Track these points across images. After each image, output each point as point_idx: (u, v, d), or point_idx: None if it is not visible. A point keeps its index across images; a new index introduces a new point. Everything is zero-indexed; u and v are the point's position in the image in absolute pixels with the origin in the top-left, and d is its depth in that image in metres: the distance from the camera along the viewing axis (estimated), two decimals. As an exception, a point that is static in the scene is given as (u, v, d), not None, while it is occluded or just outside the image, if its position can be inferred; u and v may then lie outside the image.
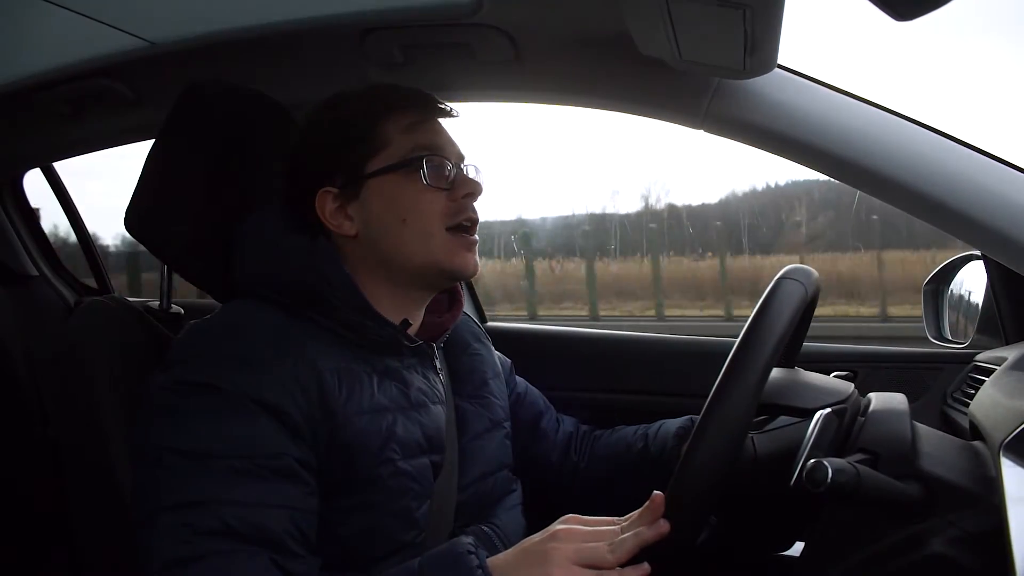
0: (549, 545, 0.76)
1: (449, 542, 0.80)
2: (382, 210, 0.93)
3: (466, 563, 0.75)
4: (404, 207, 0.93)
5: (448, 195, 0.94)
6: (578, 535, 0.77)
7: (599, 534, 0.78)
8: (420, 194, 0.93)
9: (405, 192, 0.93)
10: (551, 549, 0.75)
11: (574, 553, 0.75)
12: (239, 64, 1.15)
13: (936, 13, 0.64)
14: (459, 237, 0.94)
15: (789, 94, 1.03)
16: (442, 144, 0.96)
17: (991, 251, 1.04)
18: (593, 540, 0.77)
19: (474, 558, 0.76)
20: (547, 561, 0.74)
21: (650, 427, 1.17)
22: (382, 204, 0.93)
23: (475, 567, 0.75)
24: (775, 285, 0.91)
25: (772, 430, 0.96)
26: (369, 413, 0.86)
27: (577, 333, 1.70)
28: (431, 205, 0.93)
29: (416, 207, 0.93)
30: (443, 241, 0.93)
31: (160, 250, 1.05)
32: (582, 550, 0.75)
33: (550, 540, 0.77)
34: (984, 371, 1.18)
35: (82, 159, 1.58)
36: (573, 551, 0.75)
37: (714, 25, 0.85)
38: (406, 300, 0.97)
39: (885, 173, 0.98)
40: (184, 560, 0.73)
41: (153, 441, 0.80)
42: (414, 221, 0.93)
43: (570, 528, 0.78)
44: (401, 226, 0.93)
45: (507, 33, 1.06)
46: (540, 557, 0.75)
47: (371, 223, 0.94)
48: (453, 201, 0.94)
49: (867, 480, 0.79)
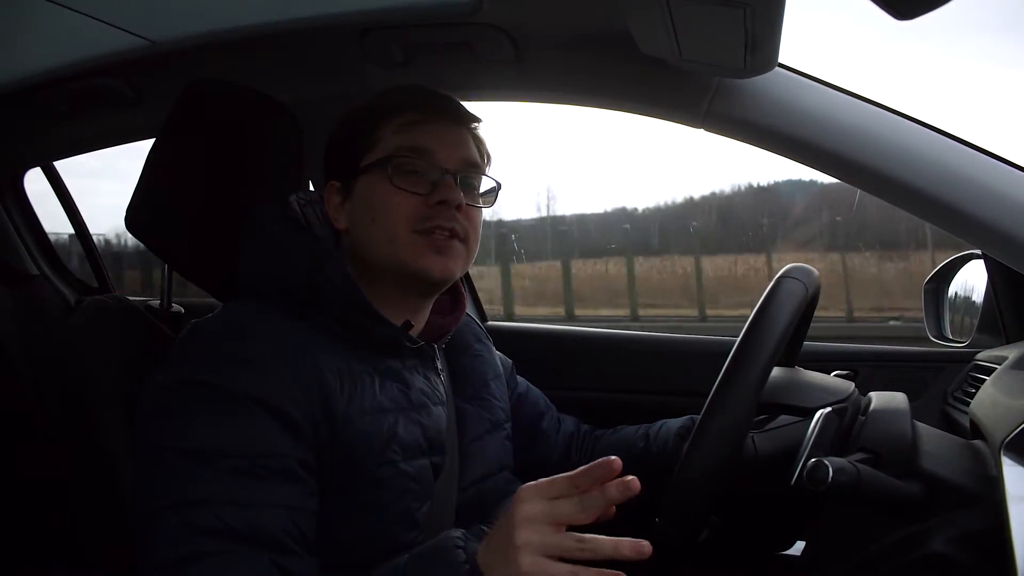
0: (512, 535, 0.70)
1: (439, 536, 0.78)
2: (360, 207, 0.94)
3: (452, 558, 0.74)
4: (374, 206, 0.93)
5: (424, 199, 0.92)
6: (538, 515, 0.71)
7: (557, 505, 0.71)
8: (389, 195, 0.92)
9: (377, 191, 0.93)
10: (514, 540, 0.70)
11: (537, 533, 0.70)
12: (239, 63, 1.15)
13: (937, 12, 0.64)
14: (427, 238, 0.91)
15: (790, 93, 1.03)
16: (431, 147, 0.93)
17: (992, 250, 1.04)
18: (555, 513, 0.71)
19: (461, 552, 0.74)
20: (514, 554, 0.69)
21: (651, 427, 1.17)
22: (360, 201, 0.94)
23: (462, 562, 0.73)
24: (775, 284, 0.91)
25: (773, 429, 0.96)
26: (371, 414, 0.86)
27: (577, 333, 1.70)
28: (398, 207, 0.91)
29: (384, 207, 0.92)
30: (408, 242, 0.91)
31: (161, 249, 1.05)
32: (549, 513, 0.70)
33: (511, 530, 0.71)
34: (985, 370, 1.18)
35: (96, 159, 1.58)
36: (536, 533, 0.70)
37: (715, 24, 0.85)
38: (406, 301, 0.96)
39: (886, 172, 0.98)
40: (184, 560, 0.73)
41: (153, 441, 0.80)
42: (380, 221, 0.92)
43: (527, 508, 0.71)
44: (370, 224, 0.93)
45: (507, 32, 1.06)
46: (506, 552, 0.70)
47: (353, 219, 0.95)
48: (427, 207, 0.92)
49: (868, 479, 0.80)
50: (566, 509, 0.71)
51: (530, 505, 0.71)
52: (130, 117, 1.36)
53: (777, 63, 1.00)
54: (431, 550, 0.77)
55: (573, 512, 0.70)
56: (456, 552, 0.74)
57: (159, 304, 1.44)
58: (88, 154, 1.60)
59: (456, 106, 0.98)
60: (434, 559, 0.75)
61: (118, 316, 1.04)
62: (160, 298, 1.45)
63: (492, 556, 0.72)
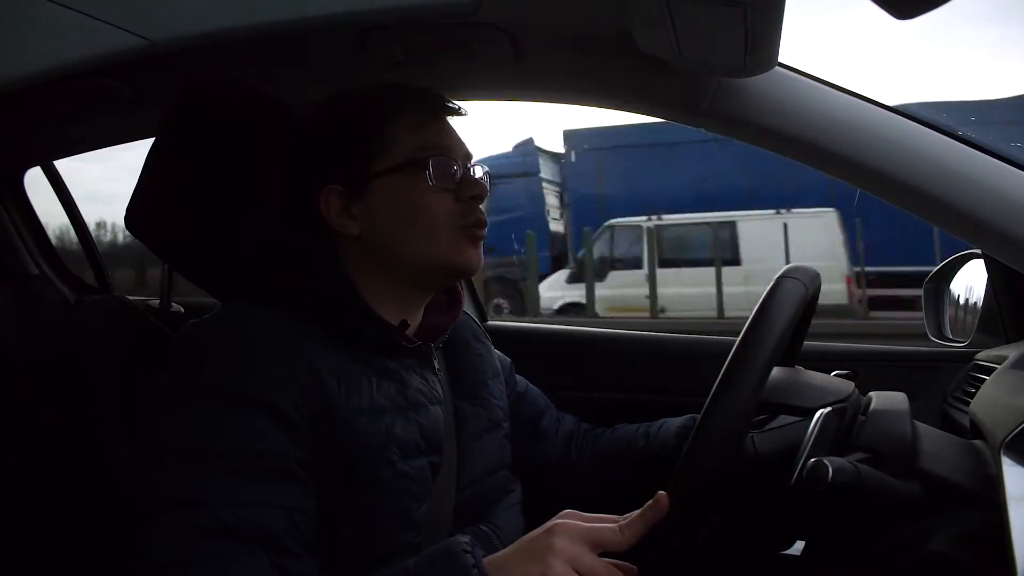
0: (548, 541, 0.75)
1: (445, 541, 0.79)
2: (389, 211, 0.92)
3: (462, 562, 0.74)
4: (412, 209, 0.92)
5: (455, 196, 0.93)
6: (577, 530, 0.76)
7: (599, 529, 0.76)
8: (427, 195, 0.92)
9: (412, 193, 0.92)
10: (550, 545, 0.74)
11: (572, 546, 0.73)
12: (239, 63, 1.15)
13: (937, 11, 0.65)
14: (467, 233, 0.94)
15: (790, 92, 1.03)
16: (449, 144, 0.95)
17: (992, 249, 1.04)
18: (593, 534, 0.75)
19: (470, 557, 0.74)
20: (545, 556, 0.73)
21: (651, 426, 1.17)
22: (389, 205, 0.92)
23: (471, 566, 0.73)
24: (775, 284, 0.91)
25: (772, 429, 0.96)
26: (368, 414, 0.86)
27: (577, 332, 1.70)
28: (438, 206, 0.92)
29: (424, 209, 0.92)
30: (451, 240, 0.93)
31: (160, 249, 1.05)
32: (588, 533, 0.74)
33: (549, 536, 0.75)
34: (985, 370, 1.18)
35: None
36: (571, 545, 0.73)
37: (714, 24, 0.85)
38: (405, 301, 0.96)
39: (886, 171, 0.98)
40: (182, 560, 0.73)
41: (152, 440, 0.80)
42: (422, 223, 0.92)
43: (568, 523, 0.77)
44: (409, 228, 0.92)
45: (507, 32, 1.06)
46: (538, 553, 0.74)
47: (377, 224, 0.93)
48: (461, 202, 0.93)
49: (867, 479, 0.80)
50: (607, 534, 0.74)
51: (572, 521, 0.76)
52: (130, 117, 1.36)
53: (777, 63, 1.00)
54: (439, 553, 0.77)
55: (612, 539, 0.74)
56: (465, 557, 0.74)
57: (159, 303, 1.45)
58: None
59: (446, 99, 1.00)
60: (442, 563, 0.76)
61: (118, 316, 1.04)
62: (160, 298, 1.45)
63: (512, 558, 0.75)
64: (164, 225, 1.02)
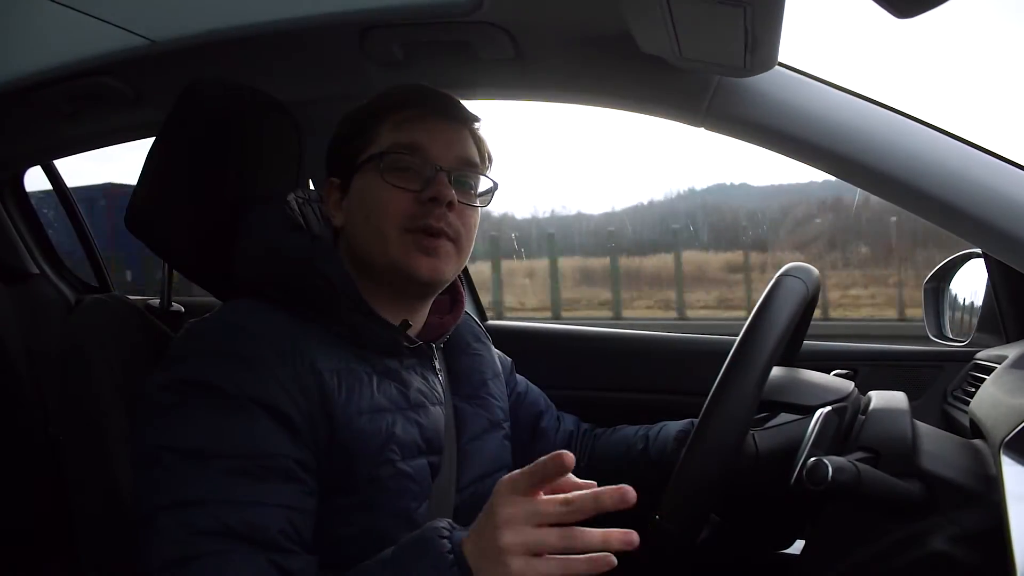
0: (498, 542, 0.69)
1: (423, 526, 0.76)
2: (355, 204, 0.94)
3: (437, 547, 0.72)
4: (367, 203, 0.92)
5: (415, 196, 0.91)
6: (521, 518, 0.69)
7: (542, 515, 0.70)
8: (380, 191, 0.91)
9: (370, 188, 0.92)
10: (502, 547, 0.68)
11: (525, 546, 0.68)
12: (239, 62, 1.15)
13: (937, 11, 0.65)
14: (415, 238, 0.90)
15: (790, 92, 1.03)
16: (426, 144, 0.93)
17: (992, 249, 1.03)
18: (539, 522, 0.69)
19: (446, 542, 0.72)
20: (501, 557, 0.68)
21: (651, 428, 1.17)
22: (357, 198, 0.94)
23: (446, 552, 0.71)
24: (776, 283, 0.91)
25: (773, 427, 0.96)
26: (369, 414, 0.86)
27: (577, 332, 1.70)
28: (389, 204, 0.91)
29: (375, 204, 0.91)
30: (398, 241, 0.90)
31: (161, 248, 1.05)
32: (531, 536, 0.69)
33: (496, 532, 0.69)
34: (985, 369, 1.18)
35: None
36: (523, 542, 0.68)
37: (715, 23, 0.85)
38: (404, 300, 0.96)
39: (886, 171, 0.98)
40: (182, 560, 0.73)
41: (152, 440, 0.80)
42: (372, 218, 0.91)
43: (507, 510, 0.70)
44: (365, 222, 0.92)
45: (507, 31, 1.06)
46: (493, 555, 0.69)
47: (348, 216, 0.95)
48: (418, 204, 0.91)
49: (867, 478, 0.80)
50: (549, 510, 0.69)
51: (511, 507, 0.70)
52: (130, 116, 1.36)
53: (777, 62, 1.00)
54: (415, 541, 0.75)
55: (556, 513, 0.69)
56: (441, 543, 0.72)
57: (159, 303, 1.45)
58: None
59: (454, 104, 0.97)
60: (418, 549, 0.73)
61: (118, 315, 1.04)
62: (160, 297, 1.45)
63: (481, 558, 0.70)
64: (164, 224, 1.02)
